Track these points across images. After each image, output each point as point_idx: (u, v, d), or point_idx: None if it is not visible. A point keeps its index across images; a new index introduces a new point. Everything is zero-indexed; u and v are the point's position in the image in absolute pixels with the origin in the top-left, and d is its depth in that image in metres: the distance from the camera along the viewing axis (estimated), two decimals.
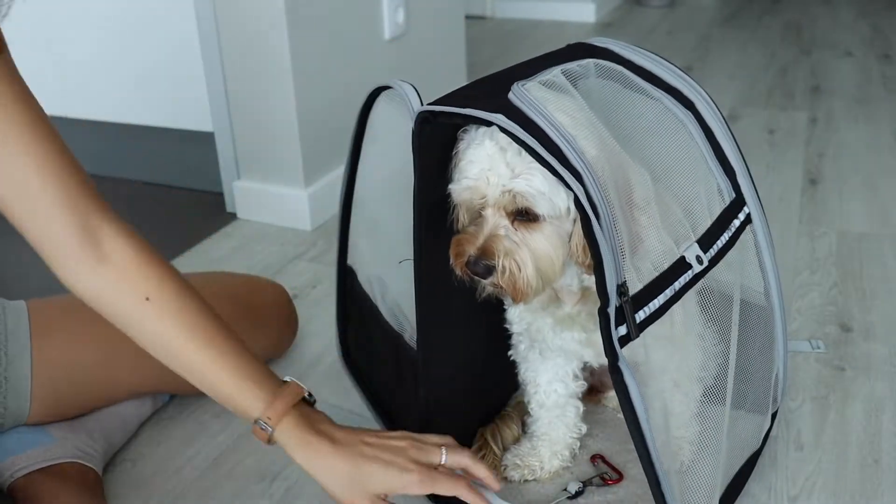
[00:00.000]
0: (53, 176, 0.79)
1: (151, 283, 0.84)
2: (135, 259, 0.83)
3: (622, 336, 0.75)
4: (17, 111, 0.77)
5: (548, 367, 1.00)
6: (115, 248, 0.83)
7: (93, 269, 0.82)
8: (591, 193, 0.73)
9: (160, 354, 0.86)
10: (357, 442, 0.85)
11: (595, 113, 0.80)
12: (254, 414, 0.85)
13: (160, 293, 0.84)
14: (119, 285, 0.83)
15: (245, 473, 1.08)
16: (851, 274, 1.50)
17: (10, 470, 0.98)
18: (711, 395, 0.90)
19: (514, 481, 1.03)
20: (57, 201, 0.79)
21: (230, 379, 0.85)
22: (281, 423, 0.84)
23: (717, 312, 0.88)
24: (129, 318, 0.85)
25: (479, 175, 0.79)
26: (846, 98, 2.52)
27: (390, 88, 0.92)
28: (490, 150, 0.78)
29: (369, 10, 1.88)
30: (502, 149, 0.78)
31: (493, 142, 0.78)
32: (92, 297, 0.84)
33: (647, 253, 0.79)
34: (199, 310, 0.86)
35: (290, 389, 0.87)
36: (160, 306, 0.84)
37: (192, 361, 0.85)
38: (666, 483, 0.79)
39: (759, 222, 0.95)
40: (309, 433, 0.84)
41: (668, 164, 0.87)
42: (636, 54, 0.93)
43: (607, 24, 3.73)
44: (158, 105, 1.90)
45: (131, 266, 0.83)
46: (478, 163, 0.79)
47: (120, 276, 0.83)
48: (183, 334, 0.84)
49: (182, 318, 0.85)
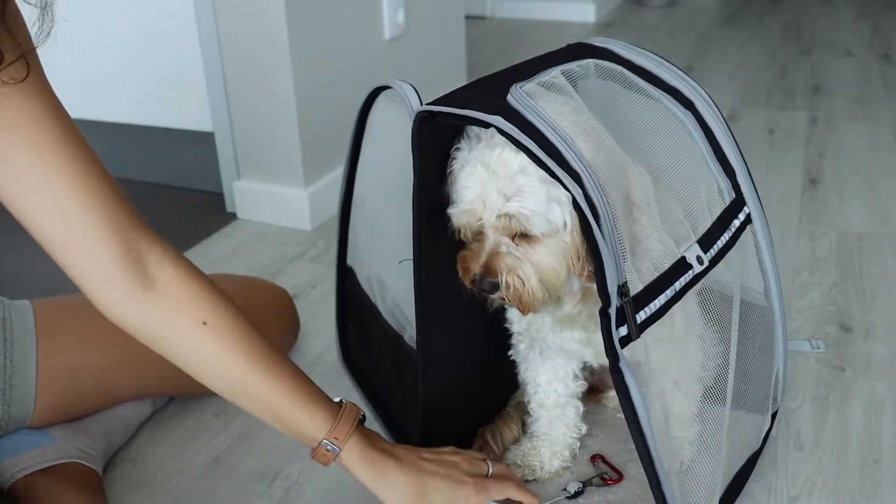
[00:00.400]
0: (96, 195, 0.76)
1: (206, 308, 0.81)
2: (186, 283, 0.81)
3: (623, 336, 0.75)
4: (52, 128, 0.75)
5: (548, 367, 1.00)
6: (163, 273, 0.80)
7: (139, 297, 0.79)
8: (591, 195, 0.73)
9: (216, 380, 0.84)
10: (417, 459, 0.88)
11: (594, 113, 0.80)
12: (318, 436, 0.85)
13: (216, 317, 0.82)
14: (170, 312, 0.80)
15: (245, 473, 1.08)
16: (851, 274, 1.50)
17: (11, 471, 0.98)
18: (712, 395, 0.90)
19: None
20: (99, 222, 0.76)
21: (291, 402, 0.85)
22: (347, 444, 0.85)
23: (717, 313, 0.88)
24: (182, 345, 0.82)
25: (475, 200, 0.80)
26: (846, 98, 2.52)
27: (390, 88, 0.92)
28: (482, 175, 0.79)
29: (369, 11, 1.88)
30: (494, 173, 0.78)
31: (484, 166, 0.79)
32: (136, 324, 0.80)
33: (647, 253, 0.79)
34: (254, 332, 0.85)
35: (351, 410, 0.88)
36: (218, 330, 0.82)
37: (252, 385, 0.84)
38: (666, 483, 0.79)
39: (759, 222, 0.95)
40: (373, 451, 0.86)
41: (667, 164, 0.87)
42: (636, 54, 0.93)
43: (607, 24, 3.73)
44: (158, 105, 1.90)
45: (183, 291, 0.81)
46: (472, 188, 0.80)
47: (172, 301, 0.80)
48: (242, 357, 0.83)
49: (241, 341, 0.83)
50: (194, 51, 1.75)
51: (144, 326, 0.81)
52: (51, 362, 1.01)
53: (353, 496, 1.03)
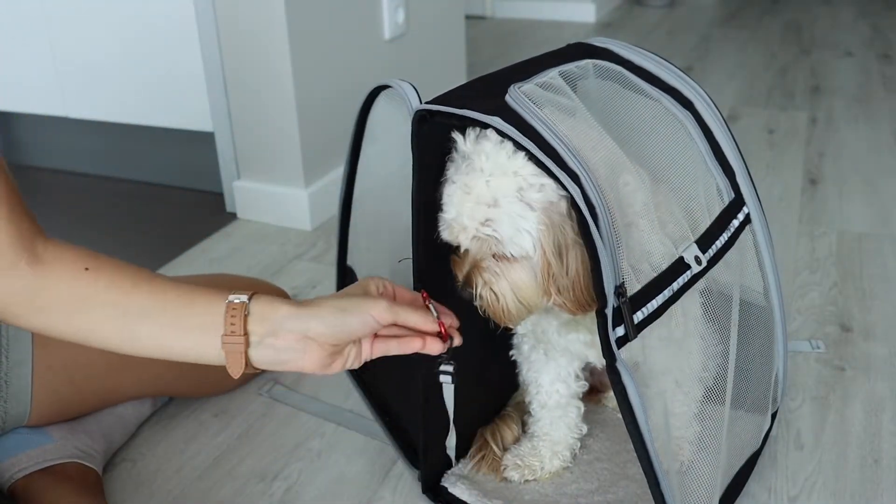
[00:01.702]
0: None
1: (88, 258, 0.78)
2: (69, 248, 0.79)
3: (620, 337, 0.75)
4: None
5: (550, 367, 1.00)
6: (47, 251, 0.78)
7: (24, 267, 0.76)
8: (589, 195, 0.73)
9: (105, 323, 0.79)
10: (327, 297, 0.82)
11: (593, 114, 0.81)
12: (220, 304, 0.78)
13: (97, 261, 0.79)
14: (54, 266, 0.77)
15: (245, 473, 1.08)
16: (851, 274, 1.50)
17: (11, 471, 0.98)
18: (711, 395, 0.90)
19: (515, 481, 1.03)
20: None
21: (187, 304, 0.78)
22: (255, 297, 0.78)
23: (716, 312, 0.88)
24: (67, 294, 0.78)
25: (454, 220, 0.80)
26: (846, 98, 2.52)
27: (390, 88, 0.92)
28: (460, 197, 0.79)
29: (369, 11, 1.88)
30: (471, 198, 0.78)
31: (463, 190, 0.79)
32: (20, 287, 0.77)
33: (645, 254, 0.79)
34: (139, 269, 0.81)
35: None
36: (99, 271, 0.78)
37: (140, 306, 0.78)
38: (665, 483, 0.79)
39: (758, 222, 0.95)
40: (285, 302, 0.79)
41: (666, 164, 0.87)
42: (636, 54, 0.93)
43: (607, 24, 3.73)
44: (158, 105, 1.90)
45: (65, 251, 0.79)
46: (452, 207, 0.80)
47: (55, 264, 0.77)
48: (129, 283, 0.78)
49: (125, 274, 0.79)
50: (194, 51, 1.75)
51: (27, 290, 0.77)
52: (47, 360, 1.01)
53: (353, 496, 1.03)
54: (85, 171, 2.15)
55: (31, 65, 1.98)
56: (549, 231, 0.77)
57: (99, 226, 1.87)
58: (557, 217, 0.77)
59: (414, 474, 1.05)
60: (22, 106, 2.08)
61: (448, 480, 1.03)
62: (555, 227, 0.77)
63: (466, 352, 1.05)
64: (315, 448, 1.12)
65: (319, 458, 1.11)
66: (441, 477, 1.04)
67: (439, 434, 1.02)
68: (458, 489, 1.01)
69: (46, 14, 1.90)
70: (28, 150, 2.22)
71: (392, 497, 1.03)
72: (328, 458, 1.10)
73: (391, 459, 1.09)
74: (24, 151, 2.22)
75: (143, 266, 0.82)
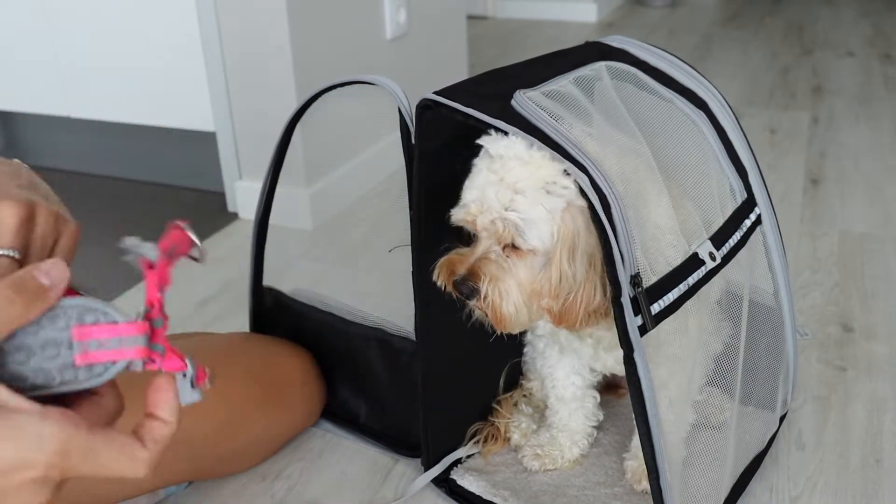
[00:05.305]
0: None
1: None
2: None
3: (639, 326, 0.76)
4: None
5: (564, 362, 1.01)
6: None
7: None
8: (598, 183, 0.74)
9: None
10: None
11: (606, 116, 0.82)
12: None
13: None
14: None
15: (245, 473, 1.08)
16: (853, 274, 1.50)
17: None
18: (719, 388, 0.91)
19: (535, 471, 1.04)
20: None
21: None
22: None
23: (727, 310, 0.89)
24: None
25: (475, 201, 0.81)
26: (848, 98, 2.52)
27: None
28: (486, 178, 0.80)
29: (371, 10, 1.88)
30: (498, 179, 0.79)
31: (490, 171, 0.80)
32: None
33: (660, 249, 0.79)
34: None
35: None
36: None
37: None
38: (664, 478, 0.79)
39: (768, 224, 0.95)
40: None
41: (680, 162, 0.87)
42: (652, 55, 0.95)
43: (608, 23, 3.73)
44: (160, 105, 1.90)
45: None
46: (474, 189, 0.81)
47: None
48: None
49: None
50: (196, 51, 1.75)
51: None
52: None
53: (354, 496, 1.03)
54: (86, 171, 2.15)
55: (33, 64, 1.98)
56: (566, 228, 0.78)
57: (100, 225, 1.86)
58: (578, 218, 0.78)
59: (413, 476, 1.05)
60: (24, 105, 2.08)
61: (457, 472, 1.04)
62: (573, 226, 0.78)
63: (466, 344, 1.05)
64: (316, 448, 1.12)
65: (321, 457, 1.11)
66: (444, 460, 1.05)
67: (438, 413, 1.02)
68: (467, 481, 1.02)
69: (48, 13, 1.90)
70: (30, 149, 2.22)
71: (394, 496, 1.03)
72: (329, 458, 1.10)
73: (392, 459, 1.09)
74: (26, 151, 2.22)
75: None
